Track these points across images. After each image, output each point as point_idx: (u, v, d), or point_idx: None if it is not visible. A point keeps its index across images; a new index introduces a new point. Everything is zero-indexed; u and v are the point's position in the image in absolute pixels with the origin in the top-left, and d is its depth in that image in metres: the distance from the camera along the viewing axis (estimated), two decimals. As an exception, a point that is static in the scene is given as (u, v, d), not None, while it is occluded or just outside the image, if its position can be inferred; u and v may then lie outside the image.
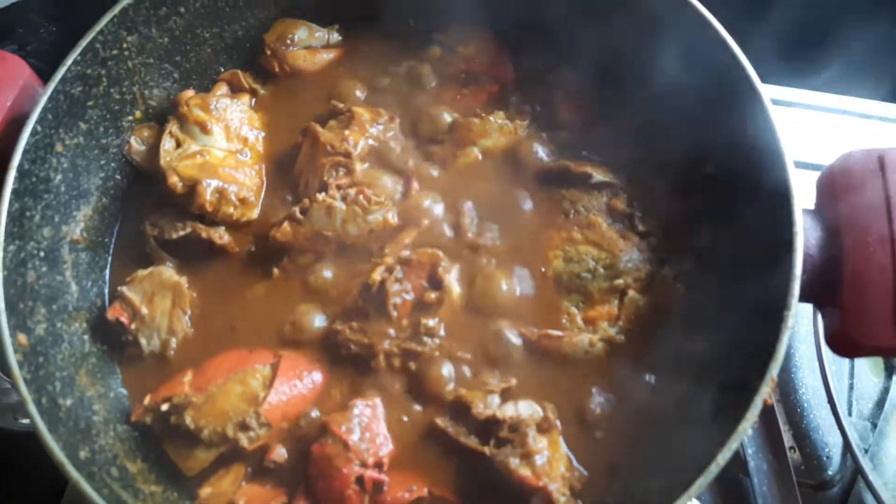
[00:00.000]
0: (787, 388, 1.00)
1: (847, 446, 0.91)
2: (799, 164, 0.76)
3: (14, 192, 0.77)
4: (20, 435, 1.10)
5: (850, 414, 0.97)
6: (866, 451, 0.94)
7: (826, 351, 0.95)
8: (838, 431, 0.93)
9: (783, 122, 0.76)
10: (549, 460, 0.73)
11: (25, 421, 1.11)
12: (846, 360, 1.01)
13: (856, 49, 1.08)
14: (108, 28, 0.86)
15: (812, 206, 0.77)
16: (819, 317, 0.97)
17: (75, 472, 0.66)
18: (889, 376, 0.99)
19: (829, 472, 0.96)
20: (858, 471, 0.91)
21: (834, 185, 0.75)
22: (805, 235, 0.72)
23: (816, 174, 0.78)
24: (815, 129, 1.16)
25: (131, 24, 0.88)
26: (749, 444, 0.93)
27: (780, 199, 0.73)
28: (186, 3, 0.93)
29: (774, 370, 0.66)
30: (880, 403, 0.98)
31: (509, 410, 0.77)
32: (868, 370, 1.00)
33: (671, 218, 0.88)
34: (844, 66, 1.12)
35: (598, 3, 0.92)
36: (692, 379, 0.79)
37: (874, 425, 0.97)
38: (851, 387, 0.99)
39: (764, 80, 0.79)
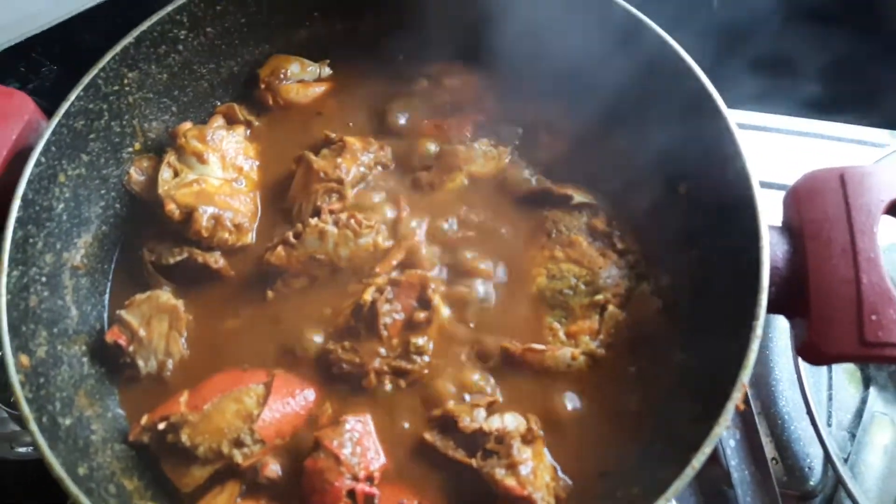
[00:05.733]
0: (767, 400, 1.03)
1: (827, 457, 0.94)
2: (766, 185, 0.81)
3: (18, 220, 0.81)
4: (15, 464, 1.12)
5: (829, 425, 1.00)
6: (846, 461, 0.96)
7: (803, 364, 0.98)
8: (818, 443, 0.95)
9: (749, 145, 0.81)
10: (534, 470, 0.75)
11: (21, 450, 1.13)
12: (824, 373, 1.04)
13: (818, 75, 1.14)
14: (110, 65, 0.91)
15: (779, 223, 0.81)
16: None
17: (74, 486, 0.68)
18: (866, 387, 1.02)
19: (812, 483, 0.98)
20: (839, 481, 0.93)
21: (799, 202, 0.79)
22: (772, 250, 0.76)
23: (782, 193, 0.83)
24: (780, 152, 1.22)
25: (132, 61, 0.93)
26: (732, 456, 0.95)
27: (748, 215, 0.77)
28: (185, 41, 0.98)
29: (745, 377, 0.69)
30: (859, 414, 1.01)
31: (495, 423, 0.79)
32: (846, 381, 1.03)
33: (648, 236, 0.92)
34: (808, 92, 1.18)
35: (574, 41, 0.97)
36: (672, 388, 0.82)
37: (853, 436, 0.99)
38: (830, 398, 1.02)
39: (730, 105, 0.84)
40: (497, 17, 1.00)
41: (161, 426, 0.80)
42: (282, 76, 1.07)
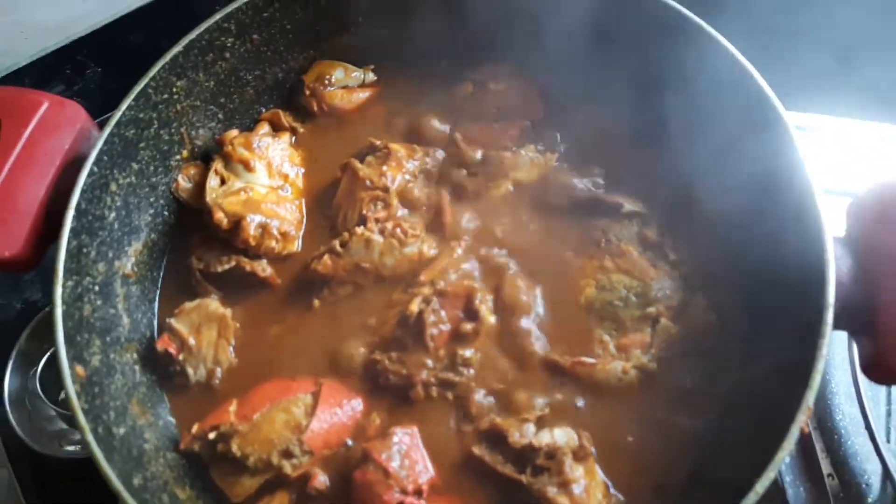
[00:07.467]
0: (823, 414, 0.99)
1: (886, 473, 0.91)
2: (829, 192, 0.77)
3: (72, 230, 0.81)
4: (65, 462, 1.13)
5: (888, 440, 0.96)
6: (907, 479, 0.93)
7: (862, 378, 0.95)
8: (877, 458, 0.92)
9: (810, 149, 0.77)
10: (587, 488, 0.74)
11: (70, 448, 1.15)
12: (883, 387, 1.00)
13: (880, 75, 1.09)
14: (160, 74, 0.91)
15: (842, 234, 0.78)
16: (854, 344, 0.97)
17: (132, 499, 0.69)
18: (927, 403, 0.99)
19: (869, 500, 0.94)
20: (899, 499, 0.90)
21: (866, 215, 0.76)
22: (837, 264, 0.73)
23: (844, 199, 0.79)
24: (842, 156, 1.17)
25: (181, 69, 0.93)
26: (786, 472, 0.92)
27: (811, 227, 0.74)
28: (231, 48, 0.98)
29: (810, 399, 0.66)
30: (920, 430, 0.97)
31: (545, 438, 0.78)
32: (906, 396, 1.00)
33: (702, 247, 0.89)
34: (870, 92, 1.13)
35: (623, 45, 0.95)
36: (729, 406, 0.80)
37: (914, 452, 0.96)
38: (889, 413, 0.98)
39: (789, 107, 0.81)
40: (544, 21, 0.98)
41: (211, 435, 0.81)
42: (326, 82, 1.06)
